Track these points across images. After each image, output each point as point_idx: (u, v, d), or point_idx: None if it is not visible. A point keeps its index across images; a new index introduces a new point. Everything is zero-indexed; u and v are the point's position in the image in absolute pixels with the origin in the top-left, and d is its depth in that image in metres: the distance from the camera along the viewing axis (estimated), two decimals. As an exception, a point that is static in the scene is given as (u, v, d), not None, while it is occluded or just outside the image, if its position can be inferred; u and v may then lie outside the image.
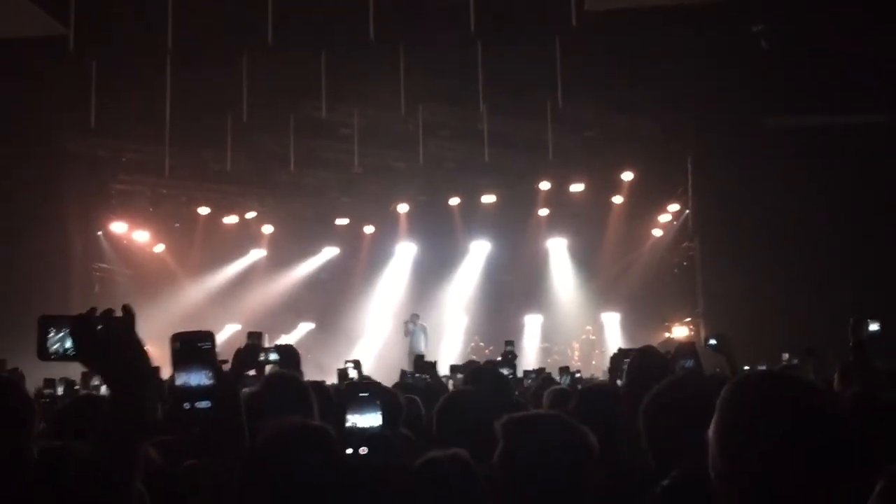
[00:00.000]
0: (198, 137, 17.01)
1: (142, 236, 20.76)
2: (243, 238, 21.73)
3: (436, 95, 15.89)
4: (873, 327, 5.09)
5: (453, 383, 7.67)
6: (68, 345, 2.14)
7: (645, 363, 4.38)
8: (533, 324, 21.26)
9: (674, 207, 19.58)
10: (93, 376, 8.76)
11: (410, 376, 8.00)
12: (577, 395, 4.31)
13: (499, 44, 13.07)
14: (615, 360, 6.77)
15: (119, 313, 2.13)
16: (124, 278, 20.46)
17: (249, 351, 4.00)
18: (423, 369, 7.98)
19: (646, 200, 19.55)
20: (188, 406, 2.36)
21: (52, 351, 2.17)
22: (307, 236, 21.83)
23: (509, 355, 8.34)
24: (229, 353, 3.64)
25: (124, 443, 2.03)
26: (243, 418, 2.73)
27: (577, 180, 19.60)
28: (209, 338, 2.44)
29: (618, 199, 19.86)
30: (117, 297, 2.14)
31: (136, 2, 12.58)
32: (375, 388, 4.25)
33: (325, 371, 11.46)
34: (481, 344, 20.30)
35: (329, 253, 22.23)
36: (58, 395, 7.81)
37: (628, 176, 19.21)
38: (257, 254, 22.03)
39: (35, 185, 16.47)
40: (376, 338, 20.95)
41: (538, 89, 14.56)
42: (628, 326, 19.81)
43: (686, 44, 13.40)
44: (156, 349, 2.17)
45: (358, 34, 11.83)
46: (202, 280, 20.96)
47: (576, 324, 20.65)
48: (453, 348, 20.32)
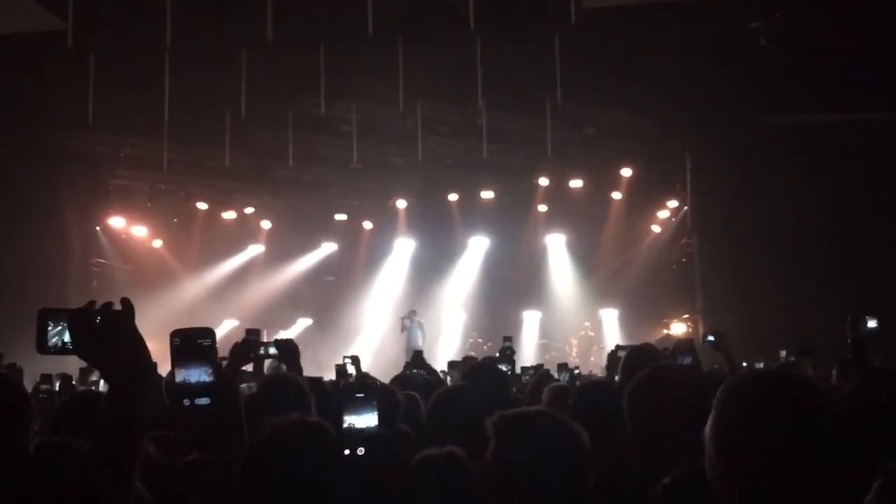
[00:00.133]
0: (196, 133, 17.01)
1: (140, 231, 20.75)
2: (241, 233, 21.74)
3: (435, 92, 15.89)
4: (871, 324, 5.08)
5: (451, 380, 7.67)
6: (67, 339, 2.14)
7: (641, 360, 4.37)
8: (531, 320, 21.27)
9: (672, 204, 19.58)
10: (91, 372, 8.75)
11: (409, 372, 8.00)
12: (576, 392, 4.31)
13: (498, 40, 13.05)
14: (612, 357, 6.79)
15: (118, 307, 2.13)
16: (122, 273, 20.45)
17: (246, 345, 4.01)
18: (419, 365, 7.98)
19: (644, 197, 19.55)
20: (188, 403, 2.36)
21: (50, 344, 2.16)
22: (305, 232, 21.83)
23: (507, 351, 8.33)
24: (227, 349, 3.65)
25: (123, 438, 2.02)
26: (243, 415, 2.73)
27: (575, 177, 19.63)
28: (209, 334, 2.44)
29: (616, 195, 19.86)
30: (115, 293, 2.15)
31: (135, -3, 12.58)
32: (372, 386, 4.25)
33: (322, 367, 11.44)
34: (479, 340, 20.30)
35: (327, 249, 22.23)
36: (55, 391, 7.81)
37: (627, 172, 19.21)
38: (255, 249, 22.03)
39: (33, 180, 16.45)
40: (374, 334, 20.94)
41: (537, 86, 14.54)
42: (626, 323, 19.82)
43: (685, 41, 13.39)
44: (154, 345, 2.17)
45: (357, 30, 11.82)
46: (200, 275, 20.95)
47: (574, 320, 20.65)
48: (451, 344, 20.33)
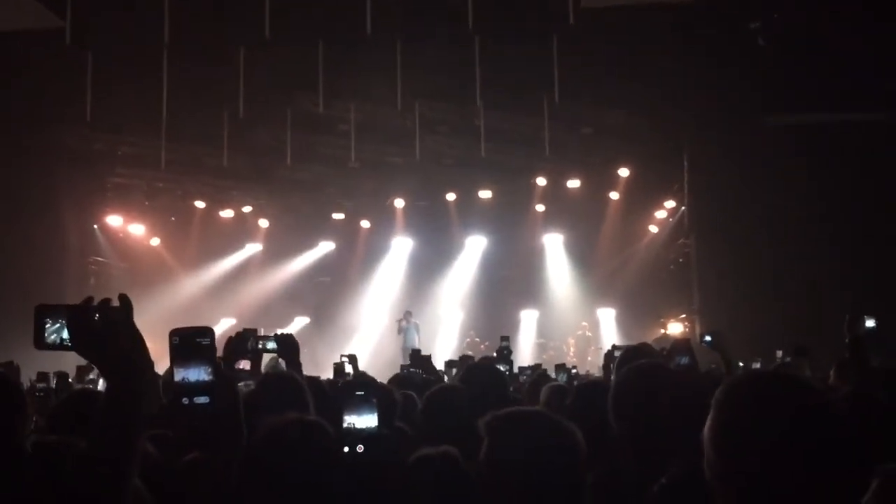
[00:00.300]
0: (194, 131, 16.99)
1: (137, 230, 20.75)
2: (239, 232, 21.74)
3: (433, 91, 15.89)
4: (869, 324, 5.08)
5: (448, 379, 7.67)
6: (65, 335, 2.14)
7: (636, 360, 4.36)
8: (529, 319, 21.27)
9: (670, 204, 19.59)
10: (88, 371, 8.75)
11: (406, 371, 8.00)
12: (573, 392, 4.30)
13: (496, 40, 13.06)
14: (609, 357, 6.79)
15: (115, 304, 2.12)
16: (120, 271, 20.45)
17: (239, 340, 4.00)
18: (417, 364, 7.98)
19: (642, 197, 19.55)
20: (187, 401, 2.36)
21: (49, 341, 2.16)
22: (303, 231, 21.83)
23: (505, 351, 8.32)
24: (221, 348, 3.64)
25: (122, 435, 2.02)
26: (241, 414, 2.73)
27: (573, 176, 19.63)
28: (208, 333, 2.44)
29: (614, 195, 19.87)
30: (113, 291, 2.15)
31: (133, -5, 12.56)
32: (371, 384, 4.24)
33: (320, 367, 11.43)
34: (477, 339, 20.29)
35: (325, 248, 22.22)
36: (51, 389, 7.81)
37: (625, 172, 19.21)
38: (253, 248, 22.02)
39: (31, 177, 16.44)
40: (372, 332, 20.94)
41: (535, 86, 14.54)
42: (624, 322, 19.83)
43: (682, 41, 13.40)
44: (151, 343, 2.17)
45: (355, 29, 11.82)
46: (198, 274, 20.96)
47: (571, 320, 20.65)
48: (449, 343, 20.33)
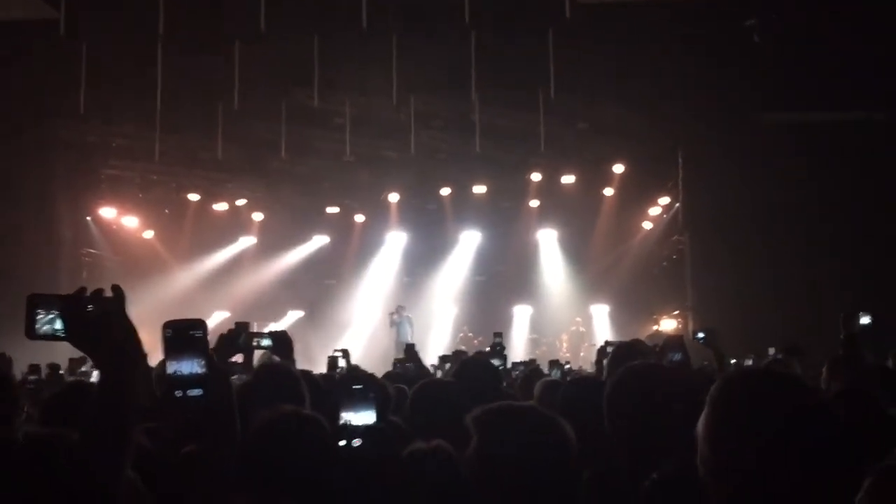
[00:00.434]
0: (189, 124, 16.94)
1: (131, 222, 20.68)
2: (233, 225, 21.67)
3: (428, 85, 15.85)
4: (864, 321, 5.09)
5: (441, 373, 7.67)
6: (58, 325, 2.13)
7: (628, 356, 4.36)
8: (522, 315, 21.27)
9: (664, 201, 19.61)
10: (81, 363, 8.72)
11: (399, 366, 8.00)
12: (564, 387, 4.30)
13: (492, 35, 13.04)
14: (602, 353, 6.80)
15: (108, 295, 2.12)
16: (113, 264, 20.37)
17: (232, 335, 3.99)
18: (411, 358, 7.98)
19: (636, 193, 19.57)
20: (180, 394, 2.35)
21: (41, 332, 2.15)
22: (297, 224, 21.78)
23: (498, 346, 8.32)
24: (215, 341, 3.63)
25: (115, 425, 2.02)
26: (235, 407, 2.72)
27: (568, 172, 19.61)
28: (201, 326, 2.43)
29: (609, 191, 19.88)
30: (106, 283, 2.14)
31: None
32: (367, 379, 4.24)
33: (313, 361, 11.43)
34: (470, 334, 20.29)
35: (319, 241, 22.20)
36: (42, 380, 7.79)
37: (619, 168, 19.22)
38: (247, 241, 21.96)
39: (24, 169, 16.38)
40: (365, 327, 20.93)
41: (531, 81, 14.54)
42: (617, 319, 19.85)
43: (679, 37, 13.40)
44: (144, 335, 2.16)
45: (351, 22, 11.80)
46: (191, 267, 20.89)
47: (565, 315, 20.68)
48: (442, 338, 20.33)
